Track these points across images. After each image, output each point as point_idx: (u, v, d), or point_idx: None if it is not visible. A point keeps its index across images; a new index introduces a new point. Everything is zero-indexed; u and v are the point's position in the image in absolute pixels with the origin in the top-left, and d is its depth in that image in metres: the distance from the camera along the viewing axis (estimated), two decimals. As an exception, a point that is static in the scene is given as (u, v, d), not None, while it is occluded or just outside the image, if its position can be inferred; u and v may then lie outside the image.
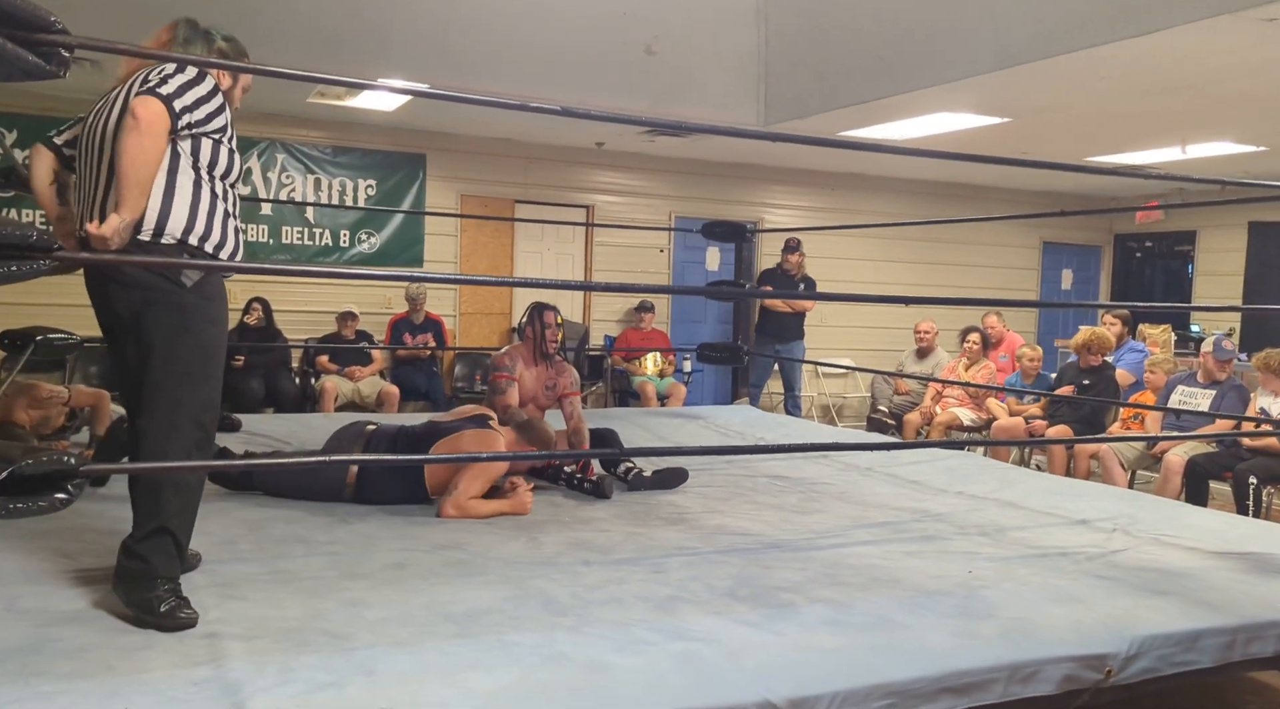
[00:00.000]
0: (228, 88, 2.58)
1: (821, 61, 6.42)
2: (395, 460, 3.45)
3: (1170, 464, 5.36)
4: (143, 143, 2.23)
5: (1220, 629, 2.50)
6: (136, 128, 2.23)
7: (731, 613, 2.43)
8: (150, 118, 2.23)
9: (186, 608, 2.24)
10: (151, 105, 2.24)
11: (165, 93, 2.27)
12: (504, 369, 4.50)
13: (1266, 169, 8.03)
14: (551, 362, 4.62)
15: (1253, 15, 4.15)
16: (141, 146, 2.23)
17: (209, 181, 2.42)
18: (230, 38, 2.64)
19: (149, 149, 2.25)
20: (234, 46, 2.64)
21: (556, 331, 4.56)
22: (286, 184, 7.73)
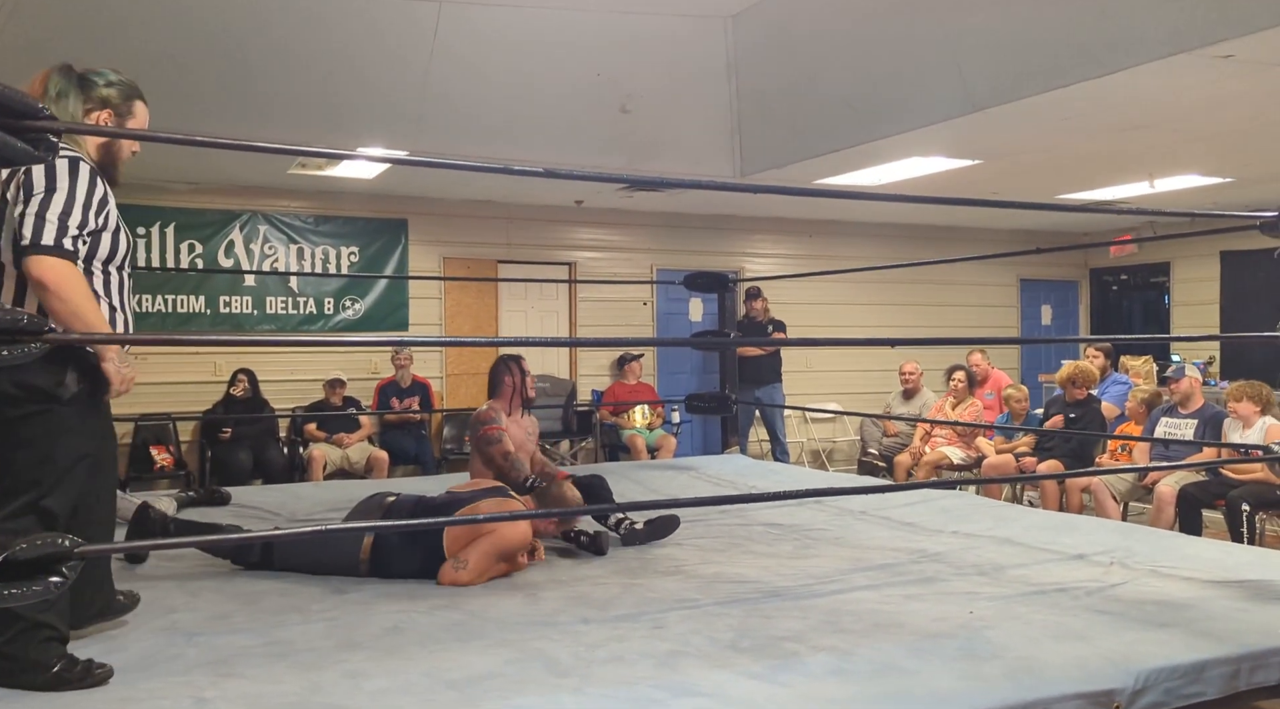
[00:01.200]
0: (108, 139, 2.43)
1: (793, 112, 6.55)
2: (401, 525, 3.39)
3: (1162, 495, 5.39)
4: (67, 301, 2.17)
5: (1225, 659, 2.49)
6: (48, 293, 2.15)
7: (735, 665, 2.41)
8: (58, 279, 2.16)
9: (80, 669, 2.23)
10: (56, 269, 2.16)
11: (51, 243, 2.16)
12: (493, 422, 4.46)
13: (1235, 199, 8.19)
14: (526, 410, 4.61)
15: (1208, 53, 4.27)
16: (68, 305, 2.17)
17: (92, 276, 2.33)
18: (115, 80, 2.45)
19: (74, 299, 2.18)
20: (122, 89, 2.47)
21: (531, 378, 4.58)
22: (269, 254, 7.77)
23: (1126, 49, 4.49)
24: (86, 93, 2.40)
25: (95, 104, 2.41)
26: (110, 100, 2.43)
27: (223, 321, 7.53)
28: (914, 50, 5.55)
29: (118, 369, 2.28)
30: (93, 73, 2.43)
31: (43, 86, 2.33)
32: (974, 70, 5.26)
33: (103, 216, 2.31)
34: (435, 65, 5.95)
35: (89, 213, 2.25)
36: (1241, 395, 5.34)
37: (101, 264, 2.35)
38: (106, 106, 2.43)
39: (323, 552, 3.40)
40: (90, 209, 2.26)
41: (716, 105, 6.84)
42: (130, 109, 2.48)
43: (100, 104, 2.42)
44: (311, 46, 5.72)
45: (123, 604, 2.70)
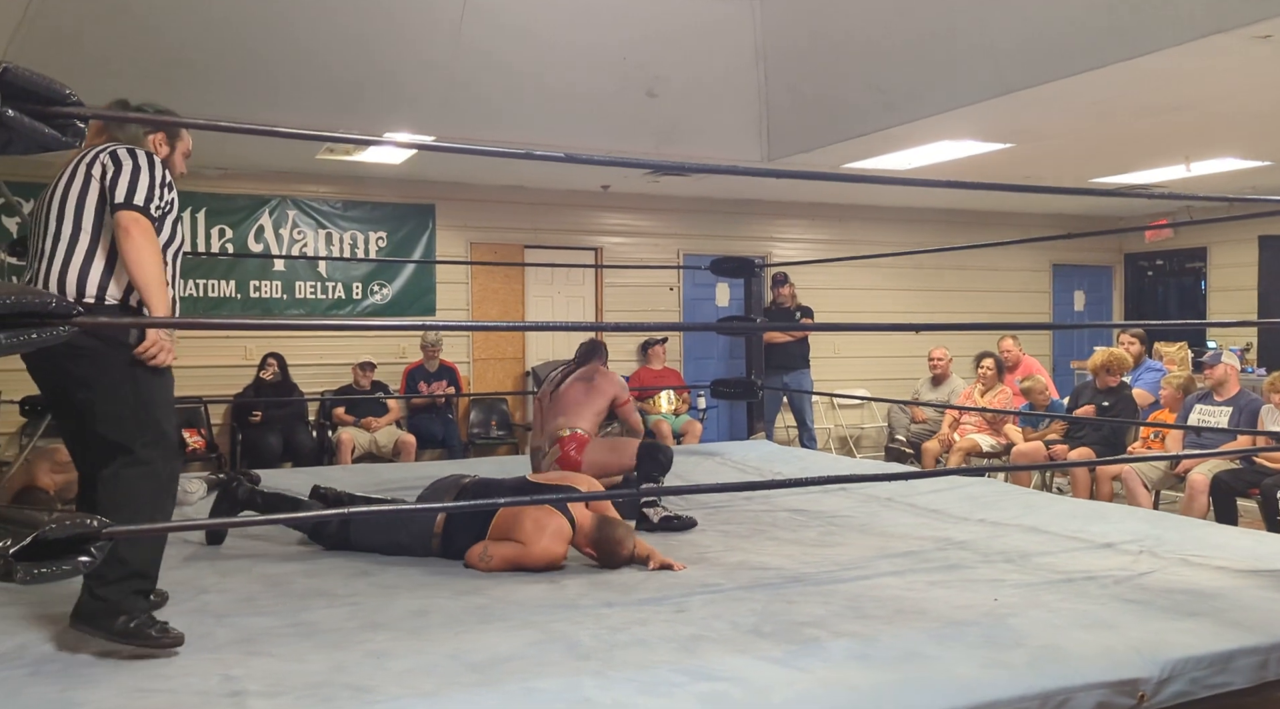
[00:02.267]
0: (165, 156, 2.75)
1: (822, 96, 6.49)
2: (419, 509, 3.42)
3: (1195, 483, 5.31)
4: (141, 251, 2.48)
5: (1253, 649, 2.46)
6: (131, 239, 2.47)
7: (756, 650, 2.41)
8: (141, 232, 2.49)
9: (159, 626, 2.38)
10: (141, 223, 2.50)
11: (141, 203, 2.51)
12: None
13: (1274, 182, 8.03)
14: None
15: (1245, 33, 4.18)
16: (141, 254, 2.48)
17: None
18: (162, 110, 2.80)
19: (146, 252, 2.49)
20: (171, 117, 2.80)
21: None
22: (298, 239, 7.83)
23: (1161, 29, 4.40)
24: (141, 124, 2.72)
25: (150, 129, 2.75)
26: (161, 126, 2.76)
27: (252, 306, 7.60)
28: (944, 32, 5.47)
29: (159, 331, 2.51)
30: (145, 106, 2.76)
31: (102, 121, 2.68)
32: (1005, 52, 5.18)
33: (167, 202, 2.62)
34: (461, 50, 5.95)
35: (159, 196, 2.58)
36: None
37: (161, 247, 2.59)
38: (159, 130, 2.77)
39: (400, 531, 3.43)
40: (161, 193, 2.58)
41: (744, 89, 6.79)
42: (179, 133, 2.83)
43: (153, 127, 2.75)
44: (337, 33, 5.73)
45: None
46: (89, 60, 5.20)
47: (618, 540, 3.27)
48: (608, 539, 3.27)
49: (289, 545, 3.63)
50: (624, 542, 3.28)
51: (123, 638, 2.34)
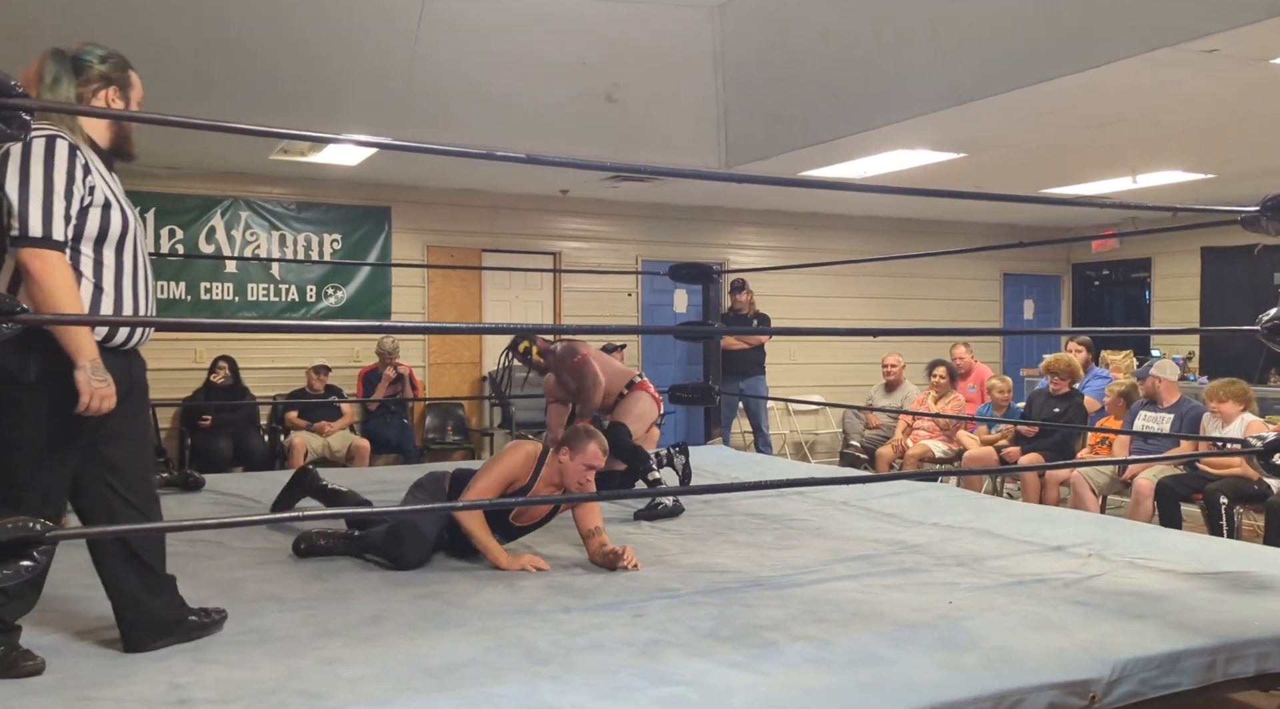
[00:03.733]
0: (120, 108, 2.40)
1: (779, 103, 6.54)
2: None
3: (1140, 488, 5.42)
4: (48, 295, 2.15)
5: (1200, 650, 2.52)
6: (31, 282, 2.15)
7: (714, 654, 2.41)
8: (41, 270, 2.15)
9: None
10: (42, 258, 2.15)
11: (38, 232, 2.14)
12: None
13: (1216, 195, 8.24)
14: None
15: (1192, 48, 4.28)
16: (48, 299, 2.15)
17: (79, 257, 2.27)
18: (107, 55, 2.41)
19: (55, 292, 2.16)
20: (113, 65, 2.42)
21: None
22: (251, 241, 7.70)
23: (1110, 43, 4.50)
24: (83, 74, 2.36)
25: (98, 82, 2.37)
26: (109, 76, 2.39)
27: (203, 308, 7.46)
28: (899, 42, 5.54)
29: (89, 379, 2.18)
30: (83, 52, 2.38)
31: (38, 74, 2.30)
32: (958, 63, 5.26)
33: (86, 194, 2.24)
34: (419, 52, 5.90)
35: (71, 194, 2.21)
36: (1226, 396, 5.34)
37: (93, 244, 2.29)
38: (108, 83, 2.39)
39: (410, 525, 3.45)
40: (72, 191, 2.21)
41: (702, 96, 6.82)
42: (128, 80, 2.44)
43: (102, 81, 2.38)
44: (295, 32, 5.66)
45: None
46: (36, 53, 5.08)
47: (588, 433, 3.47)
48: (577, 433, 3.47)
49: (239, 548, 3.56)
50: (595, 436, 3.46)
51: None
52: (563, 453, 3.43)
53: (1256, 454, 3.05)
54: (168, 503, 4.45)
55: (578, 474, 3.42)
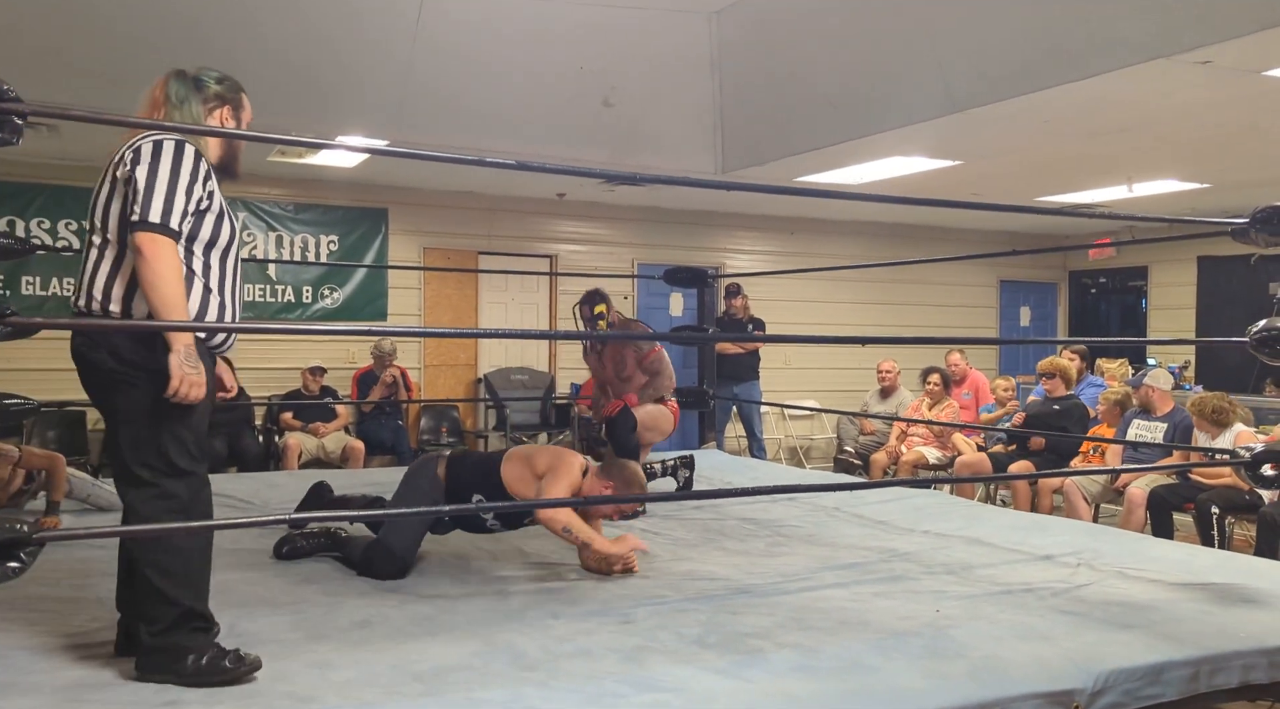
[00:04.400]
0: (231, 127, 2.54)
1: (776, 109, 6.55)
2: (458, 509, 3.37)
3: (1133, 497, 5.44)
4: (157, 275, 2.24)
5: (1184, 661, 2.52)
6: (144, 263, 2.24)
7: (700, 661, 2.42)
8: (155, 254, 2.24)
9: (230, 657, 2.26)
10: (156, 243, 2.24)
11: (156, 219, 2.24)
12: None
13: (1211, 204, 8.27)
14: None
15: (1187, 59, 4.30)
16: (156, 278, 2.24)
17: (192, 257, 2.37)
18: (223, 78, 2.56)
19: (163, 275, 2.25)
20: (228, 87, 2.56)
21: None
22: (248, 241, 7.71)
23: (1106, 53, 4.52)
24: (203, 93, 2.49)
25: (214, 101, 2.51)
26: (224, 96, 2.54)
27: (200, 308, 7.46)
28: (896, 50, 5.56)
29: (181, 364, 2.24)
30: (203, 73, 2.53)
31: (164, 93, 2.43)
32: (955, 71, 5.28)
33: (205, 197, 2.35)
34: (417, 55, 5.91)
35: (191, 192, 2.31)
36: (1202, 418, 5.33)
37: (203, 248, 2.38)
38: (223, 102, 2.53)
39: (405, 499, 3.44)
40: (193, 190, 2.31)
41: (699, 101, 6.84)
42: (240, 101, 2.58)
43: (218, 100, 2.52)
44: (293, 35, 5.67)
45: None
46: (37, 55, 5.09)
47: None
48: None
49: (230, 550, 3.57)
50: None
51: (196, 678, 2.22)
52: (605, 485, 3.37)
53: (1245, 465, 3.07)
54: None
55: (608, 511, 3.42)
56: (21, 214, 7.06)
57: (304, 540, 3.51)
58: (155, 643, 2.26)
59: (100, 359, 2.30)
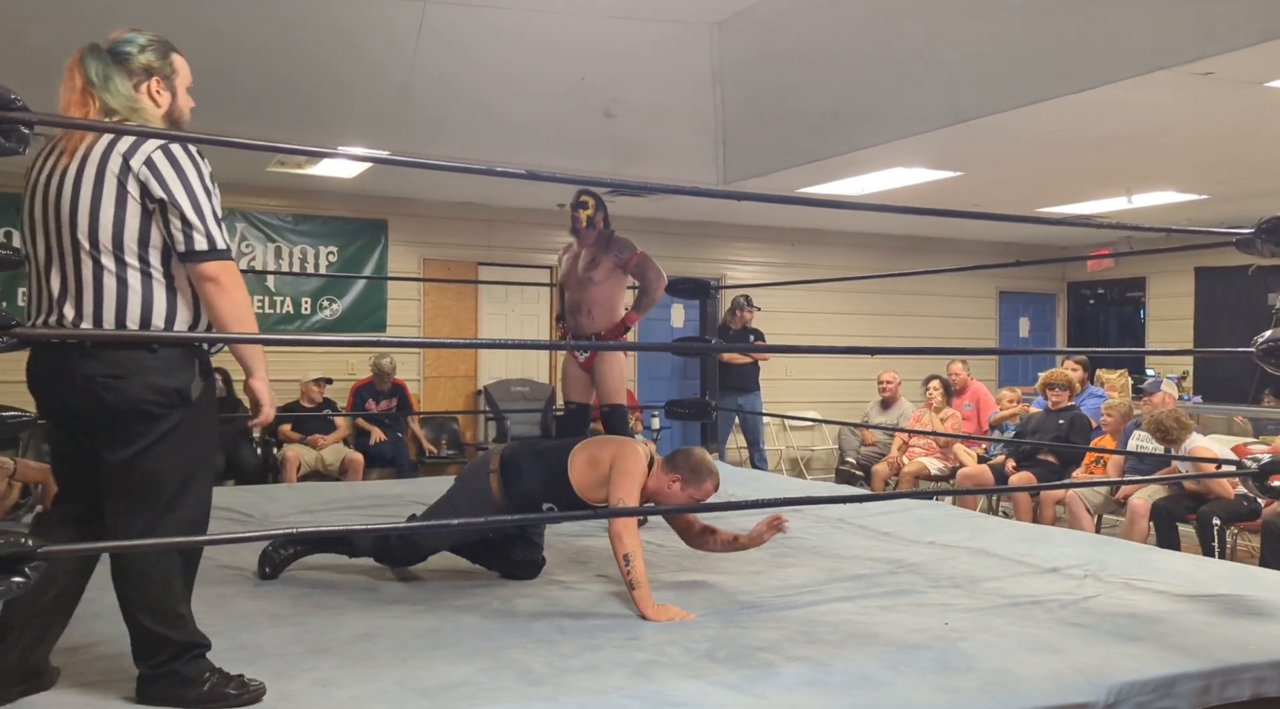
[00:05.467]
0: (168, 106, 2.26)
1: (778, 120, 6.56)
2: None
3: (1135, 507, 5.42)
4: (237, 305, 2.14)
5: (1196, 674, 2.50)
6: (224, 293, 2.12)
7: (710, 676, 2.40)
8: (232, 281, 2.14)
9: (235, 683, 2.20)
10: (229, 271, 2.13)
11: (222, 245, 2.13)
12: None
13: (1210, 216, 8.28)
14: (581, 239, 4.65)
15: (1188, 70, 4.31)
16: (238, 309, 2.15)
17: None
18: (147, 42, 2.24)
19: (242, 305, 2.16)
20: (158, 48, 2.26)
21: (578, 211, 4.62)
22: (246, 253, 7.69)
23: (1107, 65, 4.53)
24: (126, 66, 2.19)
25: (140, 76, 2.21)
26: (152, 67, 2.23)
27: (198, 319, 7.44)
28: (898, 61, 5.57)
29: (268, 389, 2.21)
30: (122, 42, 2.21)
31: (82, 76, 2.14)
32: (957, 82, 5.28)
33: (218, 206, 2.21)
34: (418, 66, 5.91)
35: (218, 199, 2.19)
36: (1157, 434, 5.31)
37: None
38: (151, 74, 2.23)
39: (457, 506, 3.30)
40: (217, 196, 2.19)
41: (701, 112, 6.84)
42: (173, 66, 2.28)
43: (145, 73, 2.22)
44: (294, 45, 5.67)
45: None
46: (40, 64, 5.07)
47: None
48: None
49: (230, 564, 3.54)
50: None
51: (200, 705, 2.15)
52: (673, 478, 3.21)
53: (1252, 476, 3.05)
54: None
55: (676, 502, 3.23)
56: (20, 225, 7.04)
57: (285, 550, 3.38)
58: (155, 674, 2.18)
59: (130, 389, 2.09)
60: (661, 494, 3.22)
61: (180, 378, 2.15)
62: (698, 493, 3.19)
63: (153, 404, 2.12)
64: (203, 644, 2.24)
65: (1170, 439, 5.21)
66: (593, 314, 4.62)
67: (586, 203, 4.65)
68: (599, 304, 4.63)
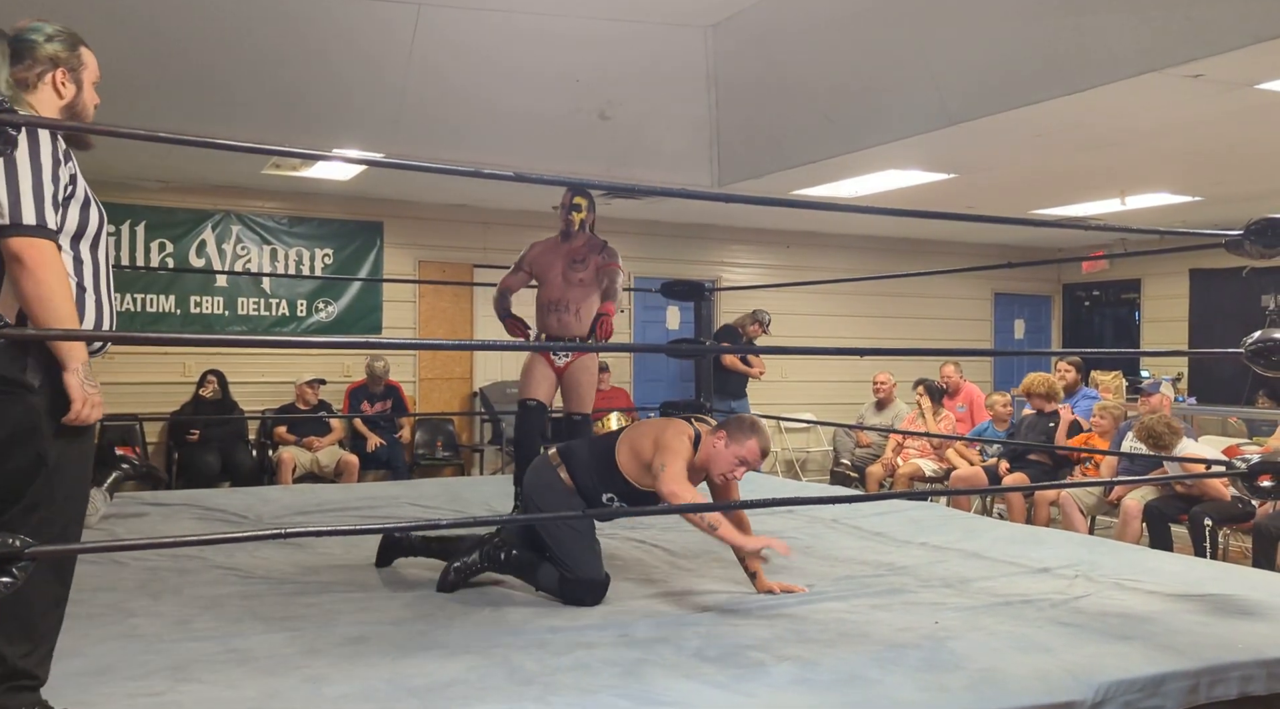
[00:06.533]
0: (71, 98, 2.16)
1: (772, 123, 6.57)
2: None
3: (1128, 508, 5.43)
4: (40, 285, 1.95)
5: (1183, 673, 2.52)
6: (25, 272, 1.94)
7: (700, 675, 2.41)
8: (38, 260, 1.95)
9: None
10: (37, 247, 1.94)
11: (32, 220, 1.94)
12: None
13: (1204, 218, 8.30)
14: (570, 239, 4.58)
15: (1178, 73, 4.33)
16: (40, 289, 1.95)
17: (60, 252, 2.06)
18: (54, 33, 2.15)
19: (47, 286, 1.96)
20: (65, 40, 2.16)
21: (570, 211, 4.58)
22: (242, 255, 7.70)
23: (1098, 67, 4.54)
24: (30, 55, 2.10)
25: (45, 65, 2.12)
26: (59, 57, 2.14)
27: (193, 322, 7.45)
28: (892, 64, 5.58)
29: (81, 384, 2.00)
30: (27, 30, 2.13)
31: None
32: (950, 85, 5.30)
33: (69, 183, 2.06)
34: (413, 68, 5.92)
35: (57, 179, 2.02)
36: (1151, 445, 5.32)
37: (70, 240, 2.09)
38: (57, 65, 2.14)
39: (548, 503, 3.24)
40: (58, 176, 2.02)
41: (695, 114, 6.85)
42: (80, 59, 2.20)
43: (50, 63, 2.13)
44: (288, 48, 5.67)
45: None
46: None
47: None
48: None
49: (224, 565, 3.55)
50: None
51: None
52: (718, 437, 3.13)
53: (1241, 476, 3.07)
54: (151, 518, 4.45)
55: (726, 465, 3.12)
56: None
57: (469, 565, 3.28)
58: None
59: None
60: (711, 458, 3.14)
61: (11, 366, 1.98)
62: (741, 449, 3.10)
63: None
64: (36, 677, 2.05)
65: (1161, 445, 5.22)
66: (580, 315, 4.56)
67: (581, 206, 4.64)
68: (586, 305, 4.58)
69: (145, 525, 4.29)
